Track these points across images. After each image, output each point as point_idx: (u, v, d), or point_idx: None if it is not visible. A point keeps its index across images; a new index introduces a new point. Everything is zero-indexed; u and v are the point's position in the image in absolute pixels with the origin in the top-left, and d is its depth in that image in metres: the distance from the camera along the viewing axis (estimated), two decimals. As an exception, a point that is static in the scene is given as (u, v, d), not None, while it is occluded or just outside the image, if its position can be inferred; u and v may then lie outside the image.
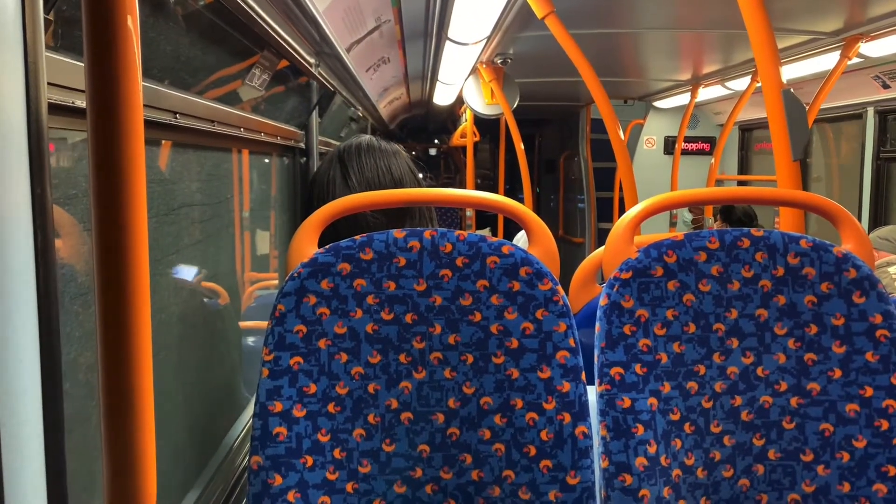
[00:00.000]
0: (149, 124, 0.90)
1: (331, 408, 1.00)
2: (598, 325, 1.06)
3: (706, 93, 4.67)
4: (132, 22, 0.49)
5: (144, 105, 0.53)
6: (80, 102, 0.69)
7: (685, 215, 5.62)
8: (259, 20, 1.26)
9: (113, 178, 0.50)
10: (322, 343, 1.00)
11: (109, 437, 0.52)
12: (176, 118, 1.02)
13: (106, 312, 0.51)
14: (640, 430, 1.02)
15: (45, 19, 0.59)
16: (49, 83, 0.60)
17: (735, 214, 4.26)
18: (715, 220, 4.61)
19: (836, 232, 1.18)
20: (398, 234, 1.03)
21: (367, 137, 1.42)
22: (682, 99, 4.99)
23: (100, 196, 0.50)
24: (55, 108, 0.65)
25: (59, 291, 0.61)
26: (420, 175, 1.44)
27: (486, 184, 9.01)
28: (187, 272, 1.21)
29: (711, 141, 5.81)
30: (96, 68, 0.49)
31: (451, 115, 7.55)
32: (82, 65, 0.50)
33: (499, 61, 3.78)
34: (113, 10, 0.48)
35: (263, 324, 1.02)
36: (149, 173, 0.97)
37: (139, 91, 0.50)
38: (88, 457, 0.78)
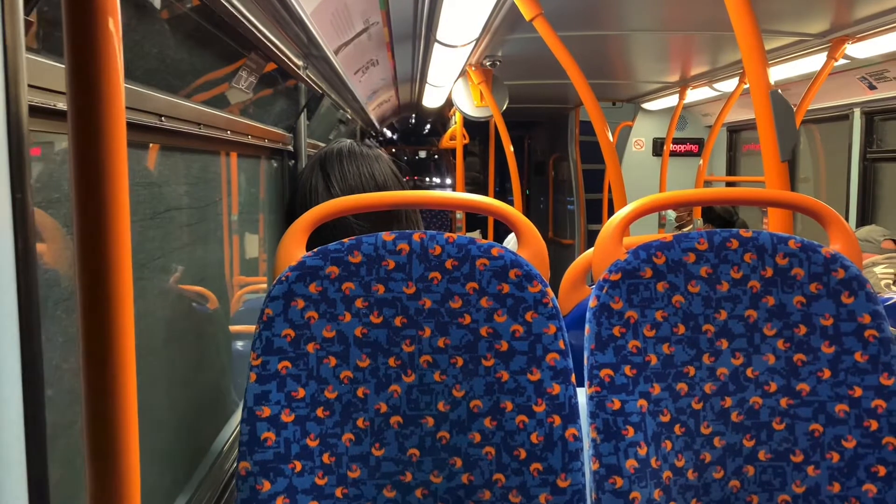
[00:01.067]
0: (134, 127, 0.89)
1: (319, 412, 0.99)
2: (587, 326, 1.06)
3: (694, 94, 4.70)
4: (113, 24, 0.49)
5: (129, 108, 0.52)
6: (62, 105, 0.68)
7: (670, 215, 5.64)
8: (246, 22, 1.25)
9: (95, 182, 0.49)
10: (310, 347, 0.99)
11: (92, 444, 0.52)
12: (161, 121, 1.01)
13: (88, 317, 0.50)
14: (631, 432, 1.02)
15: (26, 21, 0.58)
16: (30, 85, 0.59)
17: (714, 212, 4.32)
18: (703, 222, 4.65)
19: (822, 232, 1.19)
20: (387, 236, 1.02)
21: (347, 143, 1.40)
22: (671, 101, 5.01)
23: (81, 199, 0.49)
24: (36, 111, 0.65)
25: (41, 297, 0.60)
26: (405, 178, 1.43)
27: (476, 186, 9.00)
28: (174, 276, 1.19)
29: (700, 142, 5.83)
30: (77, 70, 0.48)
31: (441, 117, 7.56)
32: (63, 66, 0.49)
33: (488, 63, 3.78)
34: (94, 12, 0.48)
35: (252, 328, 1.01)
36: (135, 176, 0.96)
37: (121, 93, 0.50)
38: (72, 464, 0.77)
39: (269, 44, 1.44)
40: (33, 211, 0.58)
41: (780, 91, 1.49)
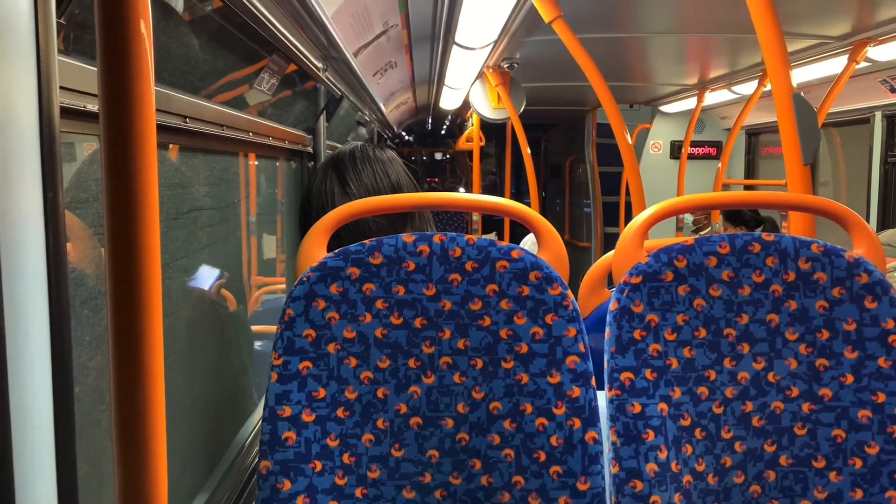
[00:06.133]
0: (159, 128, 0.90)
1: (340, 412, 1.00)
2: (607, 329, 1.06)
3: (712, 97, 4.66)
4: (145, 27, 0.49)
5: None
6: (92, 106, 0.69)
7: (687, 218, 5.59)
8: (268, 24, 1.26)
9: (125, 182, 0.50)
10: (331, 347, 1.00)
11: (120, 441, 0.52)
12: (185, 122, 1.02)
13: (118, 316, 0.51)
14: (651, 435, 1.01)
15: (58, 23, 0.59)
16: (61, 87, 0.60)
17: (744, 216, 4.24)
18: (724, 227, 4.59)
19: (839, 237, 1.18)
20: (407, 238, 1.02)
21: (359, 145, 1.42)
22: (689, 103, 4.98)
23: (112, 200, 0.50)
24: (67, 112, 0.65)
25: (70, 296, 0.60)
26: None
27: (491, 188, 9.00)
28: (196, 276, 1.21)
29: (718, 145, 5.79)
30: (109, 73, 0.49)
31: (457, 119, 7.56)
32: (94, 69, 0.50)
33: (505, 66, 3.77)
34: (126, 15, 0.48)
35: (271, 328, 1.02)
36: (159, 177, 0.97)
37: (152, 95, 0.50)
38: (99, 460, 0.78)
39: (290, 45, 1.45)
40: (64, 210, 0.58)
41: (802, 94, 1.48)
